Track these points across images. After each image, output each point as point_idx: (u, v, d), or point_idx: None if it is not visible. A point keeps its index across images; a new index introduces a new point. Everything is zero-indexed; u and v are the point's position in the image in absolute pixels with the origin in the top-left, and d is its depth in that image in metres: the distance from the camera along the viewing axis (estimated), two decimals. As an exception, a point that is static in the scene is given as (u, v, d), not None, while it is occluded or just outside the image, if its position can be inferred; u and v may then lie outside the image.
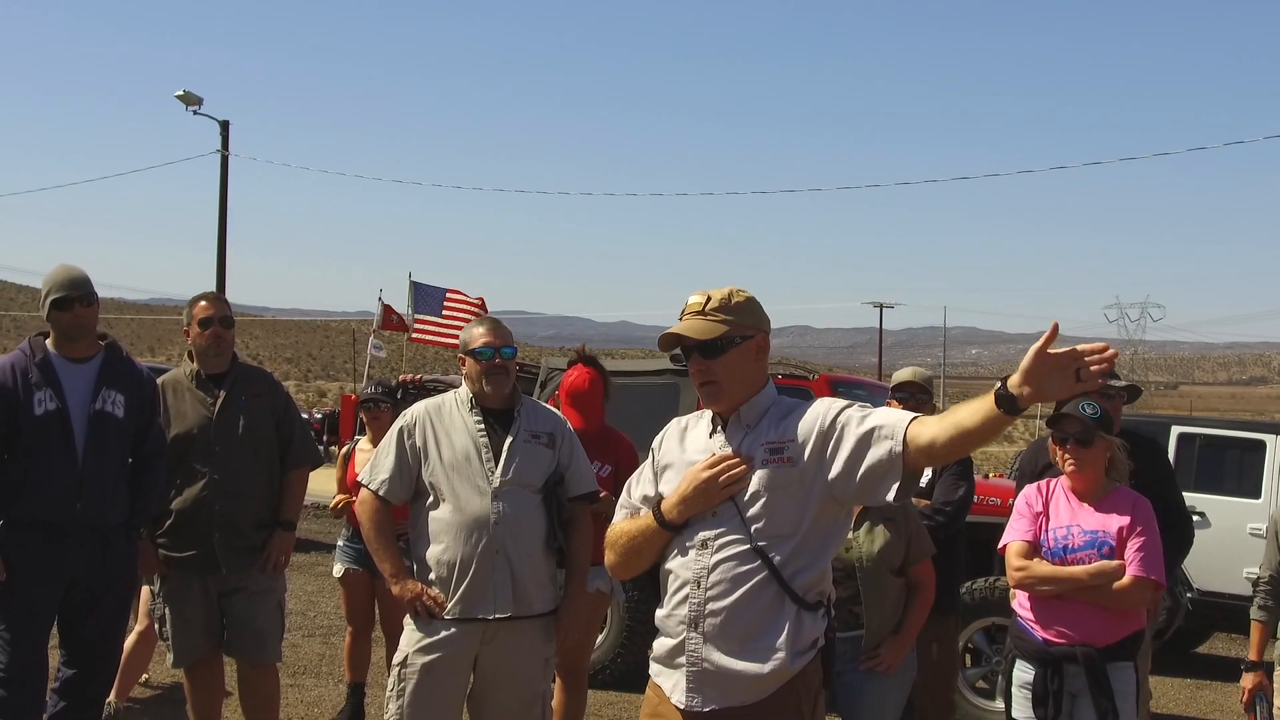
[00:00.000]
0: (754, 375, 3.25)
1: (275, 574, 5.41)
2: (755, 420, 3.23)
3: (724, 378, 3.20)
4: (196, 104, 29.14)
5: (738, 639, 3.11)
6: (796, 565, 3.12)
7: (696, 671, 3.15)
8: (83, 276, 4.93)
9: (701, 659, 3.14)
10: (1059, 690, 4.55)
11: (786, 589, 3.10)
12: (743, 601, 3.10)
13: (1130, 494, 4.65)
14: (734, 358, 3.20)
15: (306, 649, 8.71)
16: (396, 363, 34.68)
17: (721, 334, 3.18)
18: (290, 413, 5.56)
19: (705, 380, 3.22)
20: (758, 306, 3.28)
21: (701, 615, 3.14)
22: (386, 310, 17.64)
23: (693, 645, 3.15)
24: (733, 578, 3.11)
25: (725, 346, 3.19)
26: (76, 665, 4.94)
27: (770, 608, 3.11)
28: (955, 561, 5.77)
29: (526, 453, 4.51)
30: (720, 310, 3.21)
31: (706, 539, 3.16)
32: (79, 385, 4.87)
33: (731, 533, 3.13)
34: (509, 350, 4.58)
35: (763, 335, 3.27)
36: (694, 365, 3.23)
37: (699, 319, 3.22)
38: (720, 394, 3.22)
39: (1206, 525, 10.19)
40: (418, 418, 4.57)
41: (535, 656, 4.52)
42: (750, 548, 3.11)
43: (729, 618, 3.11)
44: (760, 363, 3.27)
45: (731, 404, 3.24)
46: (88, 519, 4.81)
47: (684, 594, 3.17)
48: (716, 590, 3.12)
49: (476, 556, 4.36)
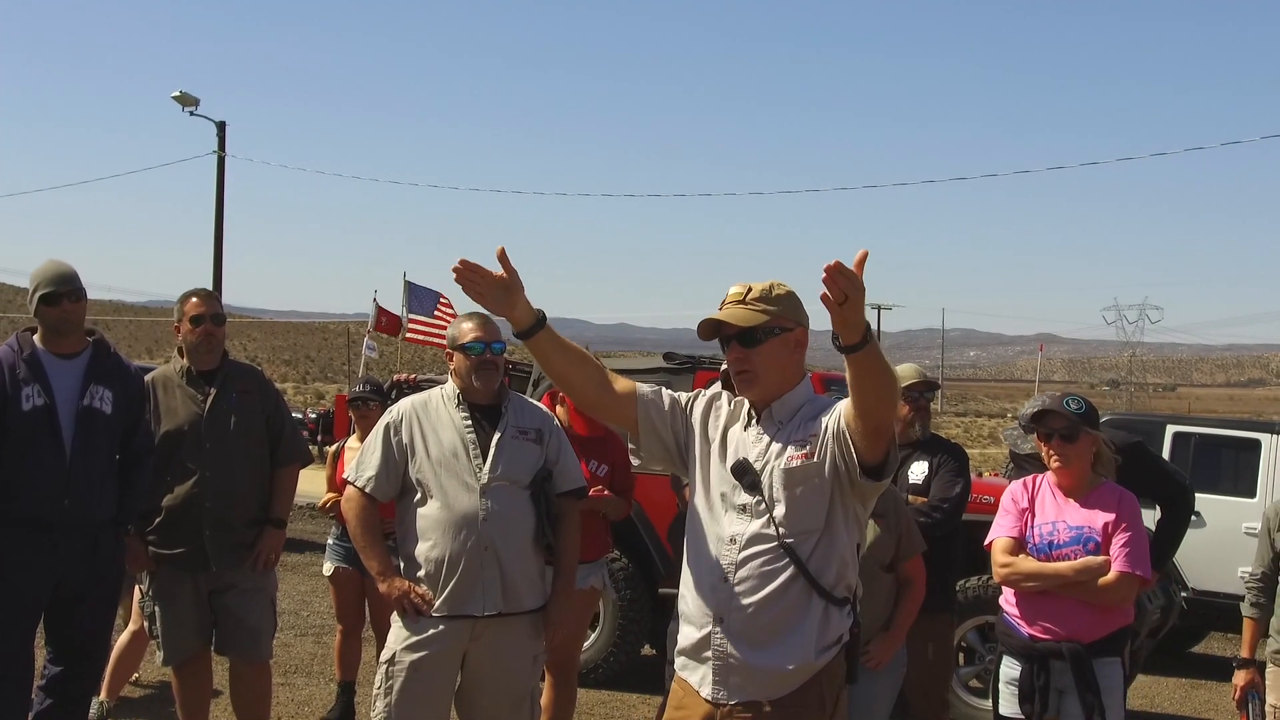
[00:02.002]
0: (790, 369, 3.27)
1: (266, 571, 5.40)
2: (788, 417, 3.26)
3: (760, 368, 3.22)
4: (193, 105, 29.16)
5: (765, 634, 3.15)
6: (823, 560, 3.16)
7: (722, 665, 3.19)
8: (70, 272, 4.91)
9: (728, 653, 3.18)
10: (1045, 686, 4.54)
11: (814, 584, 3.14)
12: (771, 597, 3.14)
13: (1116, 489, 4.64)
14: (772, 348, 3.22)
15: (298, 648, 8.70)
16: (393, 363, 34.73)
17: (761, 323, 3.20)
18: (280, 410, 5.56)
19: (741, 369, 3.24)
20: (798, 301, 3.29)
21: (729, 610, 3.17)
22: (380, 312, 17.65)
23: (719, 640, 3.19)
24: (761, 574, 3.15)
25: (764, 336, 3.21)
26: (63, 663, 4.93)
27: (797, 603, 3.15)
28: (951, 559, 5.76)
29: (514, 449, 4.50)
30: (761, 300, 3.23)
31: (735, 535, 3.19)
32: (67, 381, 4.85)
33: (760, 529, 3.17)
34: (499, 345, 4.58)
35: (802, 330, 3.29)
36: (732, 353, 3.25)
37: (739, 307, 3.24)
38: (755, 383, 3.25)
39: (1202, 525, 10.19)
40: (404, 414, 4.56)
41: (524, 653, 4.51)
42: (778, 544, 3.14)
43: (756, 613, 3.15)
44: (797, 357, 3.29)
45: (764, 394, 3.26)
46: (75, 515, 4.79)
47: (711, 588, 3.20)
48: (745, 586, 3.16)
49: (465, 553, 4.34)
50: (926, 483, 5.65)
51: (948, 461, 5.66)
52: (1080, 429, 4.59)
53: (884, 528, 4.80)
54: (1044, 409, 4.69)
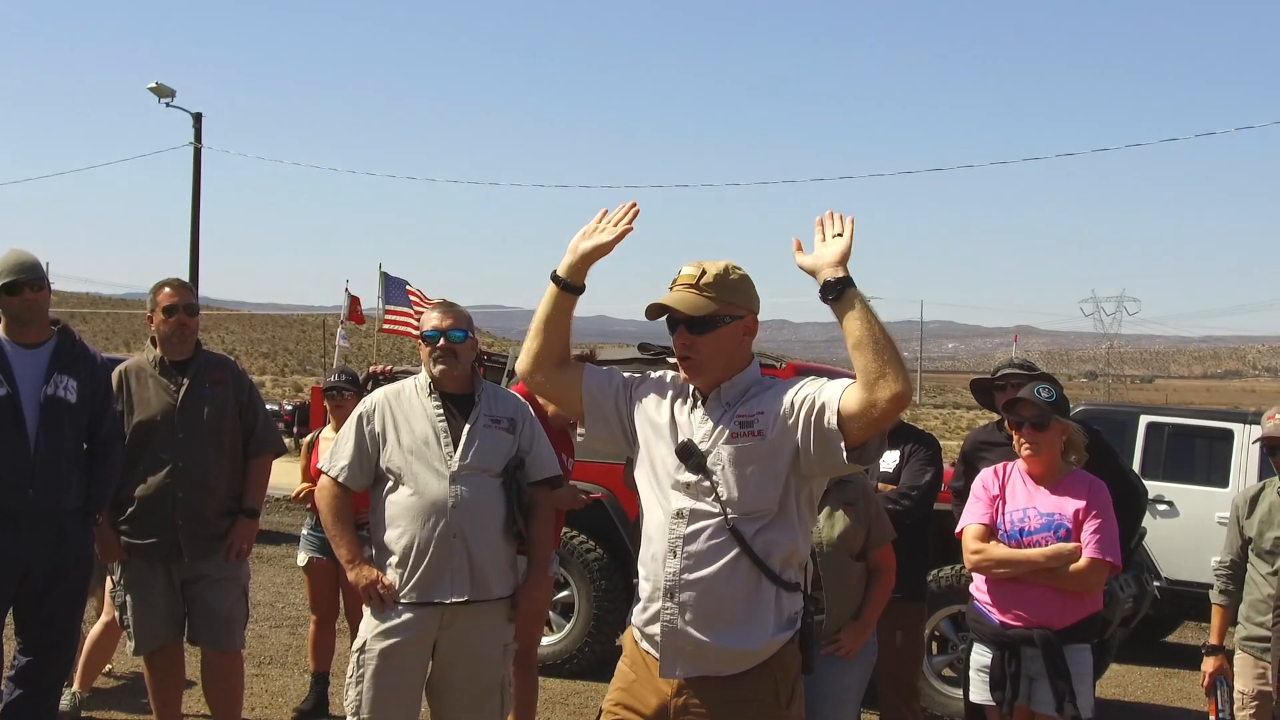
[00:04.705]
0: (738, 356, 3.23)
1: (238, 561, 5.38)
2: (736, 398, 3.21)
3: (707, 355, 3.19)
4: (169, 96, 28.98)
5: (713, 611, 3.11)
6: (770, 543, 3.12)
7: (671, 640, 3.15)
8: (32, 261, 4.88)
9: (678, 628, 3.14)
10: (1016, 673, 4.57)
11: (761, 565, 3.10)
12: (718, 576, 3.10)
13: (1086, 477, 4.67)
14: (720, 336, 3.18)
15: (273, 639, 8.68)
16: (371, 354, 34.69)
17: (710, 311, 3.16)
18: (254, 400, 5.54)
19: (687, 355, 3.20)
20: (751, 286, 3.26)
21: (677, 585, 3.13)
22: (354, 302, 17.59)
23: (668, 615, 3.15)
24: (707, 551, 3.11)
25: (713, 324, 3.17)
26: (32, 653, 4.90)
27: (746, 583, 3.11)
28: (923, 548, 5.78)
29: (486, 437, 4.50)
30: (713, 287, 3.18)
31: (682, 509, 3.15)
32: (30, 371, 4.82)
33: (707, 507, 3.13)
34: (456, 334, 4.56)
35: (752, 317, 3.25)
36: (678, 338, 3.20)
37: (690, 292, 3.19)
38: (700, 370, 3.21)
39: (1175, 514, 10.25)
40: (377, 404, 4.56)
41: (494, 642, 4.51)
42: (724, 522, 3.10)
43: (703, 591, 3.11)
44: (746, 344, 3.25)
45: (711, 381, 3.23)
46: (42, 504, 4.76)
47: (660, 562, 3.17)
48: (691, 561, 3.12)
49: (434, 540, 4.35)
50: (898, 471, 5.66)
51: (918, 450, 5.69)
52: (1050, 417, 4.61)
53: (854, 516, 4.78)
54: (1017, 397, 4.71)
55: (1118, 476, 5.34)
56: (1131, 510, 5.76)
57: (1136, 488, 5.96)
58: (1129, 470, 6.31)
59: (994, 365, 6.01)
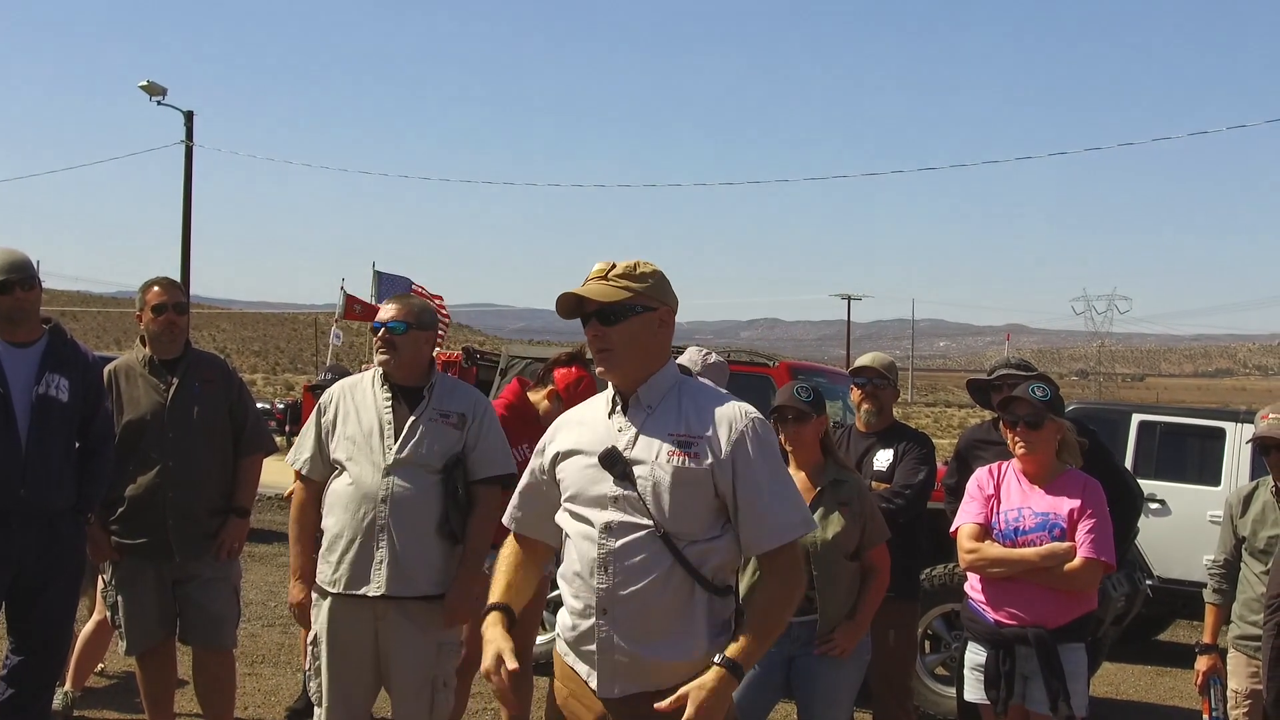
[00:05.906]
0: (653, 349, 3.14)
1: (229, 560, 5.37)
2: (656, 401, 3.13)
3: (620, 346, 3.09)
4: (161, 94, 28.93)
5: (647, 626, 3.02)
6: (704, 552, 3.04)
7: (609, 658, 3.06)
8: (23, 260, 4.86)
9: (614, 645, 3.04)
10: (1011, 672, 4.57)
11: (695, 574, 3.02)
12: (652, 588, 3.01)
13: (1080, 476, 4.67)
14: (633, 326, 3.09)
15: (265, 639, 8.66)
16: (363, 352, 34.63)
17: (622, 299, 3.08)
18: (244, 399, 5.53)
19: (601, 347, 3.12)
20: (665, 281, 3.18)
21: (611, 601, 3.04)
22: (349, 300, 17.53)
23: (603, 632, 3.05)
24: (638, 565, 3.02)
25: (625, 314, 3.08)
26: (25, 652, 4.87)
27: (679, 593, 3.02)
28: (916, 547, 5.76)
29: (429, 431, 4.49)
30: (624, 278, 3.11)
31: (610, 523, 3.05)
32: (21, 370, 4.80)
33: (635, 519, 3.03)
34: (395, 325, 4.54)
35: (666, 310, 3.16)
36: (591, 330, 3.12)
37: (600, 283, 3.11)
38: (615, 363, 3.11)
39: (1167, 513, 10.25)
40: (335, 395, 4.63)
41: (425, 639, 4.45)
42: (655, 533, 3.01)
43: (638, 604, 3.02)
44: (661, 337, 3.16)
45: (626, 376, 3.13)
46: (33, 504, 4.74)
47: (588, 578, 3.07)
48: (622, 578, 3.02)
49: (360, 530, 4.39)
50: (891, 470, 5.65)
51: (912, 448, 5.67)
52: (1045, 416, 4.60)
53: (848, 516, 4.75)
54: (1011, 396, 4.70)
55: (1113, 476, 5.34)
56: (1127, 510, 5.75)
57: (1132, 488, 5.96)
58: (1124, 470, 6.32)
59: (990, 365, 6.00)
